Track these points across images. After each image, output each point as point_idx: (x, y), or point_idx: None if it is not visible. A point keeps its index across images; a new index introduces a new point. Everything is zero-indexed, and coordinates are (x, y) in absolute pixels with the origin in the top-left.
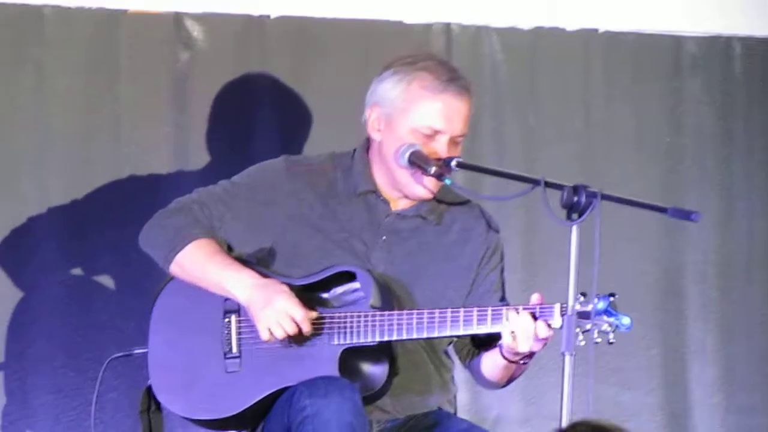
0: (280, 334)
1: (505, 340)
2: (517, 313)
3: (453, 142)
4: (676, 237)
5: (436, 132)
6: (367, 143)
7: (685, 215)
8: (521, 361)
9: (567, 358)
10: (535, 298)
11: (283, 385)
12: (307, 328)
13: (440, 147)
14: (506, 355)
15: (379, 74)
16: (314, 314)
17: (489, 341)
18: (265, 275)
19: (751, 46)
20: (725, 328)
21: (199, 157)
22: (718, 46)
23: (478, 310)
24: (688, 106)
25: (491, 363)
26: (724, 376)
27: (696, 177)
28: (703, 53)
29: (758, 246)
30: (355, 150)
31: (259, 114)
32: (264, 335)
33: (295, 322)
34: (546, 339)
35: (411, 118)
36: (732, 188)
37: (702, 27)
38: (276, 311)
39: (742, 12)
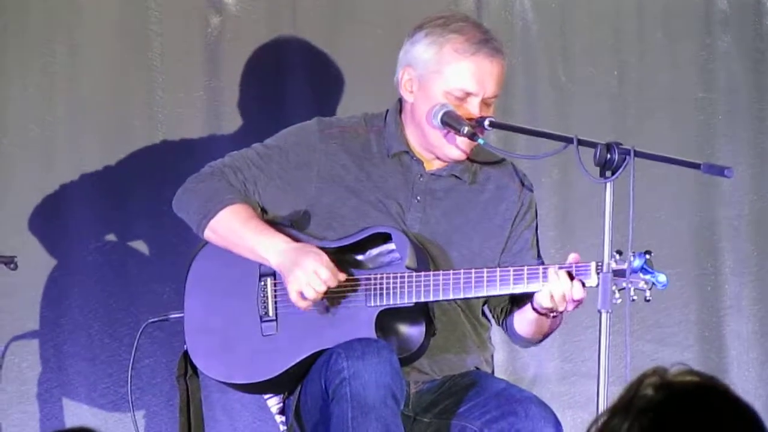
0: (311, 295)
1: (544, 302)
2: (556, 273)
3: (485, 103)
4: (710, 193)
5: (469, 94)
6: (400, 104)
7: (719, 171)
8: (552, 314)
9: (603, 316)
10: (572, 257)
11: (320, 348)
12: (333, 283)
13: (473, 108)
14: (536, 307)
15: (410, 35)
16: (342, 275)
17: (523, 299)
18: (298, 239)
19: None
20: (761, 283)
21: (231, 122)
22: (749, 3)
23: (515, 270)
24: (720, 63)
25: (523, 319)
26: (760, 331)
27: (729, 133)
28: (734, 10)
29: None
30: (387, 111)
31: (291, 77)
32: (293, 297)
33: (323, 281)
34: (580, 300)
35: (444, 81)
36: (765, 144)
37: None
38: (305, 272)
39: None
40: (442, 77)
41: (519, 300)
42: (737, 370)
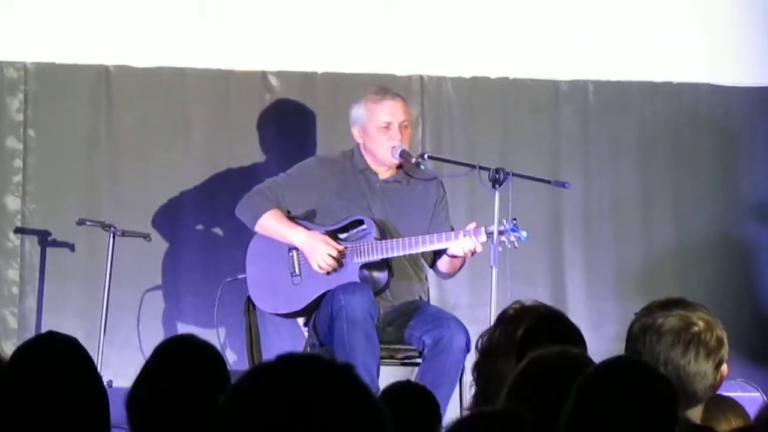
0: (326, 266)
1: (456, 251)
2: (462, 235)
3: (402, 127)
4: (556, 197)
5: (389, 123)
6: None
7: (561, 184)
8: (459, 258)
9: (493, 269)
10: (471, 225)
11: (327, 289)
12: (336, 255)
13: (394, 132)
14: (450, 255)
15: (351, 106)
16: (342, 247)
17: (443, 251)
18: (310, 228)
19: (600, 86)
20: (585, 249)
21: (271, 156)
22: (580, 86)
23: (437, 235)
24: (563, 123)
25: (443, 262)
26: (586, 278)
27: (568, 162)
28: (570, 90)
29: (605, 201)
30: (353, 148)
31: (307, 129)
32: (315, 267)
33: (332, 257)
34: (475, 251)
35: (373, 121)
36: (589, 169)
37: (570, 74)
38: (321, 253)
39: (596, 60)
40: (371, 120)
41: (441, 252)
42: (572, 300)
